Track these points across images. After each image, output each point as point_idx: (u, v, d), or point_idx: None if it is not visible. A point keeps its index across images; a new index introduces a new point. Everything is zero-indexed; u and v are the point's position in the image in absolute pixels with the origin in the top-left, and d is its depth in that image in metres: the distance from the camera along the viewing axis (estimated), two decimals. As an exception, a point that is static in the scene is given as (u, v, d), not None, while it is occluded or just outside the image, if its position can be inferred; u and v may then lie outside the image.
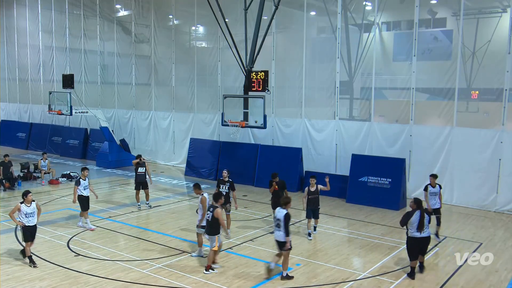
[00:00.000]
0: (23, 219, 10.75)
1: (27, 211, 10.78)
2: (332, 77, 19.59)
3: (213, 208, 10.46)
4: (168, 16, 25.77)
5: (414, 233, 10.22)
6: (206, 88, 24.34)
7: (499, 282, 10.25)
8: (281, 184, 13.52)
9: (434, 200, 12.84)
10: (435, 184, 12.87)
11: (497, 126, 16.34)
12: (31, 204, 10.89)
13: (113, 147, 24.84)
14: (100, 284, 9.86)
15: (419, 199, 10.51)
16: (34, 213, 10.93)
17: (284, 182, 13.62)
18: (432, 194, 12.85)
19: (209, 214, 10.48)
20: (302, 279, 10.29)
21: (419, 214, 10.19)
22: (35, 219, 10.96)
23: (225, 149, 21.67)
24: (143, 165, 15.96)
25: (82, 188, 13.58)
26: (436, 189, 12.84)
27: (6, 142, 31.84)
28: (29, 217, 10.80)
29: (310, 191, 13.12)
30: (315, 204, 13.21)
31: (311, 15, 21.38)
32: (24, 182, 20.07)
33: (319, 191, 13.19)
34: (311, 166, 19.78)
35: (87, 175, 13.86)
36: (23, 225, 10.75)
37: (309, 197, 13.07)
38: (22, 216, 10.76)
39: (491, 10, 17.83)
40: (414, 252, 10.35)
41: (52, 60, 31.39)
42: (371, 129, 18.76)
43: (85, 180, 13.69)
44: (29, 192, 10.94)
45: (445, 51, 18.37)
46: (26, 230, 10.80)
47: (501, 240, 13.26)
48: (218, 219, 10.29)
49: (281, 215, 10.11)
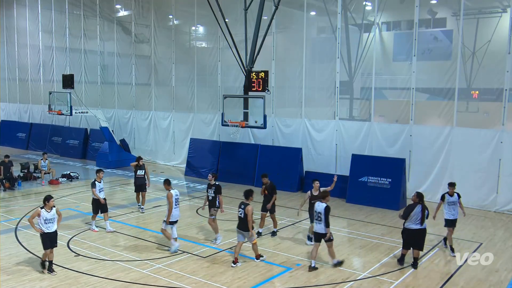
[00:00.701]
0: (42, 225, 10.25)
1: (47, 217, 10.28)
2: (332, 77, 19.59)
3: (244, 205, 10.92)
4: (168, 16, 25.78)
5: (411, 225, 10.72)
6: (206, 88, 24.34)
7: (499, 282, 10.26)
8: (270, 188, 13.17)
9: (453, 210, 11.77)
10: (453, 193, 11.82)
11: (497, 126, 16.34)
12: (52, 210, 10.38)
13: (113, 147, 24.83)
14: (100, 284, 9.86)
15: (421, 193, 11.03)
16: (54, 219, 10.41)
17: (273, 186, 13.22)
18: (450, 203, 11.79)
19: (241, 211, 10.95)
20: (302, 279, 10.30)
21: (421, 208, 10.61)
22: (55, 226, 10.42)
23: (225, 149, 21.67)
24: (142, 168, 15.73)
25: (97, 191, 13.43)
26: (454, 198, 11.79)
27: (6, 142, 31.85)
28: (48, 223, 10.29)
29: (312, 195, 12.32)
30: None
31: (311, 15, 21.38)
32: (24, 182, 20.07)
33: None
34: (311, 166, 19.78)
35: (102, 177, 13.77)
36: (42, 232, 10.26)
37: (312, 201, 12.04)
38: (41, 222, 10.26)
39: (491, 10, 17.83)
40: (408, 242, 10.90)
41: (52, 60, 31.39)
42: (371, 129, 18.76)
43: (100, 182, 13.56)
44: (51, 197, 10.46)
45: (445, 51, 18.37)
46: (45, 237, 10.29)
47: (501, 240, 13.26)
48: (248, 216, 10.74)
49: (322, 208, 10.67)
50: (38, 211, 10.32)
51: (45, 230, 10.26)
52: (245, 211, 10.79)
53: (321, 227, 10.69)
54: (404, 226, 10.86)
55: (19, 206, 16.52)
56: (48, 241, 10.32)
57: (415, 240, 10.80)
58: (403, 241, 11.05)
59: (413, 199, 10.93)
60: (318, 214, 10.70)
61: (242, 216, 10.88)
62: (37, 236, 12.83)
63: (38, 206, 10.61)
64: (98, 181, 13.52)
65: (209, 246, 12.31)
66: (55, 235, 10.50)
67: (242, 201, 11.12)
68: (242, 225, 10.96)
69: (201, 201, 17.48)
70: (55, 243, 10.51)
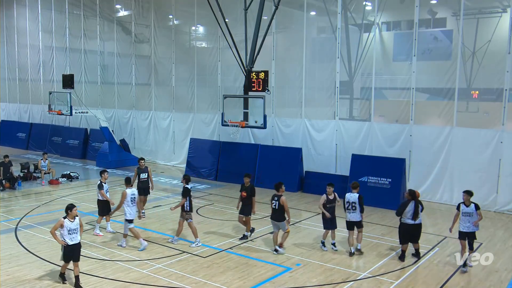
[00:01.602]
0: (65, 237, 9.51)
1: (70, 227, 9.52)
2: (332, 77, 19.59)
3: (277, 197, 11.59)
4: (168, 16, 25.78)
5: (407, 220, 11.23)
6: (206, 88, 24.34)
7: (499, 282, 10.26)
8: (249, 189, 12.79)
9: (468, 222, 10.69)
10: (470, 202, 10.80)
11: (497, 126, 16.34)
12: (75, 219, 9.65)
13: (113, 147, 24.82)
14: (100, 284, 9.86)
15: (414, 190, 11.50)
16: (78, 229, 9.69)
17: (253, 188, 12.92)
18: (465, 214, 10.75)
19: (275, 202, 11.59)
20: (302, 279, 10.29)
21: (414, 204, 11.15)
22: (78, 236, 9.72)
23: (225, 149, 21.67)
24: (145, 171, 15.08)
25: (105, 192, 13.34)
26: (470, 209, 10.73)
27: (6, 142, 31.84)
28: (72, 234, 9.55)
29: (328, 199, 11.93)
30: (333, 214, 12.00)
31: (311, 15, 21.38)
32: (24, 182, 20.07)
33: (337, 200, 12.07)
34: (311, 166, 19.78)
35: (107, 178, 13.67)
36: (65, 244, 9.51)
37: (328, 205, 11.89)
38: (64, 233, 9.52)
39: (491, 10, 17.83)
40: (405, 237, 11.36)
41: (52, 60, 31.39)
42: (371, 129, 18.76)
43: (105, 183, 13.44)
44: (74, 206, 9.79)
45: (445, 51, 18.37)
46: (67, 250, 9.54)
47: (501, 240, 13.26)
48: (284, 206, 11.42)
49: (355, 197, 11.69)
50: (61, 221, 9.52)
51: (69, 242, 9.51)
52: (280, 202, 11.46)
53: (355, 215, 11.71)
54: (401, 221, 11.39)
55: (19, 206, 16.52)
56: (70, 254, 9.59)
57: (412, 235, 11.34)
58: (400, 237, 11.51)
59: (406, 196, 11.48)
60: (352, 204, 11.68)
61: (276, 208, 11.54)
62: (37, 236, 12.92)
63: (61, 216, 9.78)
64: (104, 182, 13.42)
65: (209, 246, 12.32)
66: (79, 248, 9.78)
67: (275, 194, 11.70)
68: (276, 216, 11.67)
69: (201, 201, 17.50)
70: (78, 256, 9.77)
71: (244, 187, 12.88)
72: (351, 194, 11.78)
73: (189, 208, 12.31)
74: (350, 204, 11.74)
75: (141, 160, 15.34)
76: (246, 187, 12.83)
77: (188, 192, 12.33)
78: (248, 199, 12.75)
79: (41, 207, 16.33)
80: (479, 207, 10.86)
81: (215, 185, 20.54)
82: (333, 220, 12.04)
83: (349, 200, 11.75)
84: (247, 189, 12.79)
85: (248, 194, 12.74)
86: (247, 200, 12.76)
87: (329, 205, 11.94)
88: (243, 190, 12.82)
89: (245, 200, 12.77)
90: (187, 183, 12.58)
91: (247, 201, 12.76)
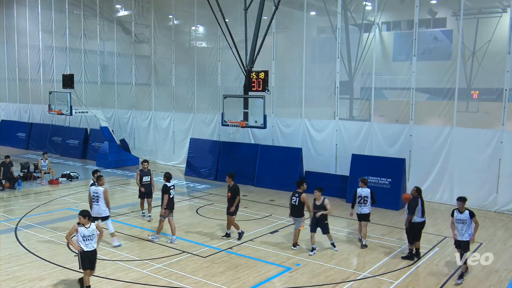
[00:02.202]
0: (81, 243, 9.17)
1: (84, 233, 9.18)
2: (332, 77, 19.59)
3: (298, 194, 11.93)
4: (168, 16, 25.78)
5: (417, 218, 11.33)
6: (206, 88, 24.34)
7: (499, 282, 10.26)
8: (233, 190, 12.65)
9: (462, 230, 10.26)
10: (464, 209, 10.27)
11: (497, 126, 16.34)
12: (90, 225, 9.25)
13: (113, 147, 24.83)
14: (100, 284, 9.86)
15: (420, 187, 11.71)
16: (94, 235, 9.31)
17: (237, 188, 12.72)
18: (458, 221, 10.33)
19: (295, 199, 11.94)
20: (302, 279, 10.29)
21: (421, 202, 11.32)
22: (95, 243, 9.33)
23: (225, 149, 21.67)
24: (148, 174, 14.75)
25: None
26: (464, 216, 10.22)
27: (6, 142, 31.86)
28: (86, 241, 9.18)
29: (315, 205, 11.84)
30: (320, 218, 11.77)
31: (311, 15, 21.38)
32: (24, 182, 20.07)
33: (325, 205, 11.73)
34: (311, 166, 19.78)
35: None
36: (81, 250, 9.18)
37: (315, 211, 11.83)
38: (79, 239, 9.19)
39: (491, 10, 17.83)
40: (413, 236, 11.47)
41: (52, 60, 31.40)
42: (371, 129, 18.76)
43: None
44: (87, 212, 9.34)
45: (445, 51, 18.37)
46: (83, 256, 9.21)
47: (501, 240, 13.26)
48: (305, 202, 11.81)
49: (368, 192, 12.40)
50: (75, 227, 9.21)
51: (84, 248, 9.16)
52: (300, 199, 11.83)
53: (366, 208, 12.38)
54: (412, 220, 11.37)
55: (19, 206, 16.52)
56: (87, 261, 9.24)
57: (418, 233, 11.49)
58: (408, 237, 11.53)
59: (413, 193, 11.52)
60: (364, 198, 12.36)
61: (296, 204, 11.90)
62: (37, 236, 12.92)
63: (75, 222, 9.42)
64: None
65: (209, 246, 12.32)
66: (95, 255, 9.40)
67: (296, 191, 12.04)
68: (295, 212, 12.05)
69: (201, 201, 17.51)
70: (94, 264, 9.42)
71: (228, 188, 12.79)
72: (362, 189, 12.49)
73: (167, 206, 12.33)
74: (362, 198, 12.39)
75: (144, 163, 15.01)
76: (230, 187, 12.71)
77: (168, 190, 12.37)
78: (232, 199, 12.62)
79: (41, 207, 16.34)
80: (473, 214, 10.22)
81: (215, 185, 20.54)
82: (321, 223, 11.85)
83: (361, 194, 12.42)
84: (230, 189, 12.68)
85: (232, 194, 12.61)
86: (232, 200, 12.63)
87: (314, 211, 11.83)
88: (228, 191, 12.75)
89: (230, 200, 12.67)
90: (168, 181, 12.59)
91: (232, 201, 12.63)
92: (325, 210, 11.72)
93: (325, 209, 11.71)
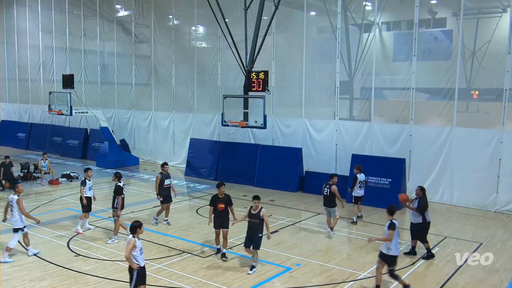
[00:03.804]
0: (138, 257, 8.20)
1: (140, 246, 8.31)
2: (332, 77, 19.60)
3: (329, 186, 13.07)
4: (168, 16, 25.78)
5: (428, 218, 11.61)
6: (206, 88, 24.33)
7: (499, 282, 10.26)
8: (227, 200, 11.42)
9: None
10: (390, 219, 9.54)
11: (497, 126, 16.34)
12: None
13: (113, 147, 24.83)
14: (100, 284, 9.87)
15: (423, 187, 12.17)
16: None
17: (229, 198, 11.54)
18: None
19: (326, 190, 13.09)
20: (302, 279, 10.29)
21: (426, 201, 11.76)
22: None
23: (225, 149, 21.67)
24: (168, 177, 14.08)
25: (88, 189, 13.40)
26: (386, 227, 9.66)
27: (6, 142, 31.86)
28: (142, 254, 8.35)
29: (250, 213, 10.58)
30: (255, 231, 10.51)
31: (311, 15, 21.38)
32: (24, 182, 20.04)
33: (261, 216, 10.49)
34: (311, 166, 19.78)
35: (91, 175, 13.72)
36: (139, 267, 8.23)
37: (249, 219, 10.63)
38: (137, 254, 8.20)
39: (491, 10, 17.84)
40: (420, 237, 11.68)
41: (52, 60, 31.39)
42: (371, 129, 18.76)
43: (90, 180, 13.51)
44: (141, 223, 8.45)
45: (445, 51, 18.37)
46: (141, 272, 8.31)
47: (501, 240, 13.26)
48: (335, 194, 12.90)
49: (364, 176, 14.84)
50: (132, 241, 8.16)
51: (141, 264, 8.27)
52: (331, 190, 12.93)
53: (363, 191, 14.81)
54: (427, 220, 11.56)
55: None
56: (143, 278, 8.40)
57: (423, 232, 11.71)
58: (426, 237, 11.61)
59: (417, 193, 11.81)
60: (363, 182, 14.87)
61: (328, 195, 13.02)
62: (37, 236, 12.91)
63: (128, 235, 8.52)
64: (88, 180, 13.45)
65: (209, 246, 12.31)
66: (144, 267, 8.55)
67: (327, 182, 13.19)
68: (327, 202, 13.13)
69: (201, 201, 17.50)
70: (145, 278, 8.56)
71: (219, 198, 11.38)
72: (361, 174, 14.79)
73: (117, 206, 12.32)
74: (362, 182, 14.78)
75: (165, 165, 14.22)
76: (221, 198, 11.36)
77: (121, 190, 12.40)
78: (226, 211, 11.38)
79: (41, 207, 16.33)
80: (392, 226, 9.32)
81: (215, 185, 20.46)
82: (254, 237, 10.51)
83: (361, 179, 14.78)
84: (223, 200, 11.35)
85: (226, 205, 11.37)
86: (225, 212, 11.37)
87: (250, 219, 10.62)
88: (220, 202, 11.33)
89: (222, 212, 11.33)
90: (119, 180, 12.57)
91: (226, 213, 11.38)
92: (261, 220, 10.49)
93: (260, 219, 10.48)
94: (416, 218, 11.60)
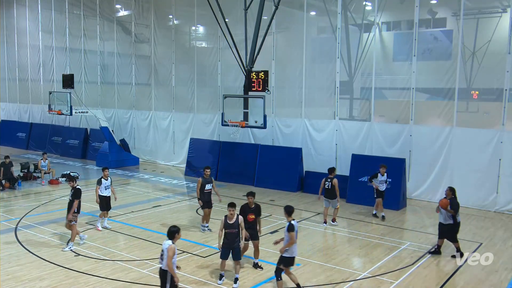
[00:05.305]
0: (175, 264, 7.90)
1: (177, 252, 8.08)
2: (332, 77, 19.60)
3: (330, 179, 14.10)
4: (168, 16, 25.78)
5: (459, 218, 11.64)
6: (206, 88, 24.33)
7: (499, 282, 10.26)
8: (257, 211, 10.69)
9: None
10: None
11: (497, 126, 16.34)
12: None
13: (113, 147, 24.83)
14: (100, 284, 9.86)
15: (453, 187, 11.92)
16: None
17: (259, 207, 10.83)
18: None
19: (328, 183, 14.14)
20: (302, 279, 10.28)
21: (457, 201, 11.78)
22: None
23: (225, 149, 21.67)
24: (210, 181, 13.52)
25: (104, 188, 13.45)
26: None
27: (6, 142, 31.85)
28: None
29: (227, 224, 9.79)
30: (233, 241, 9.82)
31: (311, 15, 21.38)
32: (24, 182, 20.07)
33: (239, 224, 9.86)
34: (311, 166, 19.77)
35: (108, 175, 13.70)
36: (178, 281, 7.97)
37: (226, 231, 9.85)
38: (175, 261, 7.90)
39: (491, 10, 17.83)
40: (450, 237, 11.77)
41: (52, 60, 31.40)
42: (371, 129, 18.76)
43: (107, 180, 13.54)
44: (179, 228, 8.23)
45: (445, 51, 18.37)
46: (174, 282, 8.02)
47: (501, 240, 13.26)
48: (335, 186, 13.97)
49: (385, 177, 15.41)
50: (173, 248, 7.82)
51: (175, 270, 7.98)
52: (332, 183, 13.99)
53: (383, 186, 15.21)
54: (458, 220, 11.60)
55: (19, 206, 16.51)
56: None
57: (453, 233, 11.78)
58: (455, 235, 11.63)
59: (447, 193, 11.73)
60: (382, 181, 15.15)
61: (329, 187, 14.07)
62: (37, 236, 12.91)
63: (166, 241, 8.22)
64: (105, 179, 13.55)
65: (209, 246, 12.31)
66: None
67: (328, 176, 14.17)
68: (329, 195, 14.17)
69: (201, 201, 17.48)
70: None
71: (250, 209, 10.57)
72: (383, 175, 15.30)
73: (77, 210, 11.98)
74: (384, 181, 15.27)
75: (207, 169, 13.66)
76: (251, 209, 10.57)
77: (80, 193, 12.11)
78: (255, 222, 10.65)
79: (41, 207, 16.33)
80: (290, 228, 8.96)
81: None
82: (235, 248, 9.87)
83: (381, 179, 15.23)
84: (254, 211, 10.59)
85: (256, 216, 10.64)
86: (255, 223, 10.65)
87: (227, 230, 9.79)
88: (250, 213, 10.51)
89: (251, 223, 10.55)
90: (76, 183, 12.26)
91: (255, 224, 10.67)
92: (239, 229, 9.88)
93: (239, 228, 9.86)
94: (446, 219, 11.58)
